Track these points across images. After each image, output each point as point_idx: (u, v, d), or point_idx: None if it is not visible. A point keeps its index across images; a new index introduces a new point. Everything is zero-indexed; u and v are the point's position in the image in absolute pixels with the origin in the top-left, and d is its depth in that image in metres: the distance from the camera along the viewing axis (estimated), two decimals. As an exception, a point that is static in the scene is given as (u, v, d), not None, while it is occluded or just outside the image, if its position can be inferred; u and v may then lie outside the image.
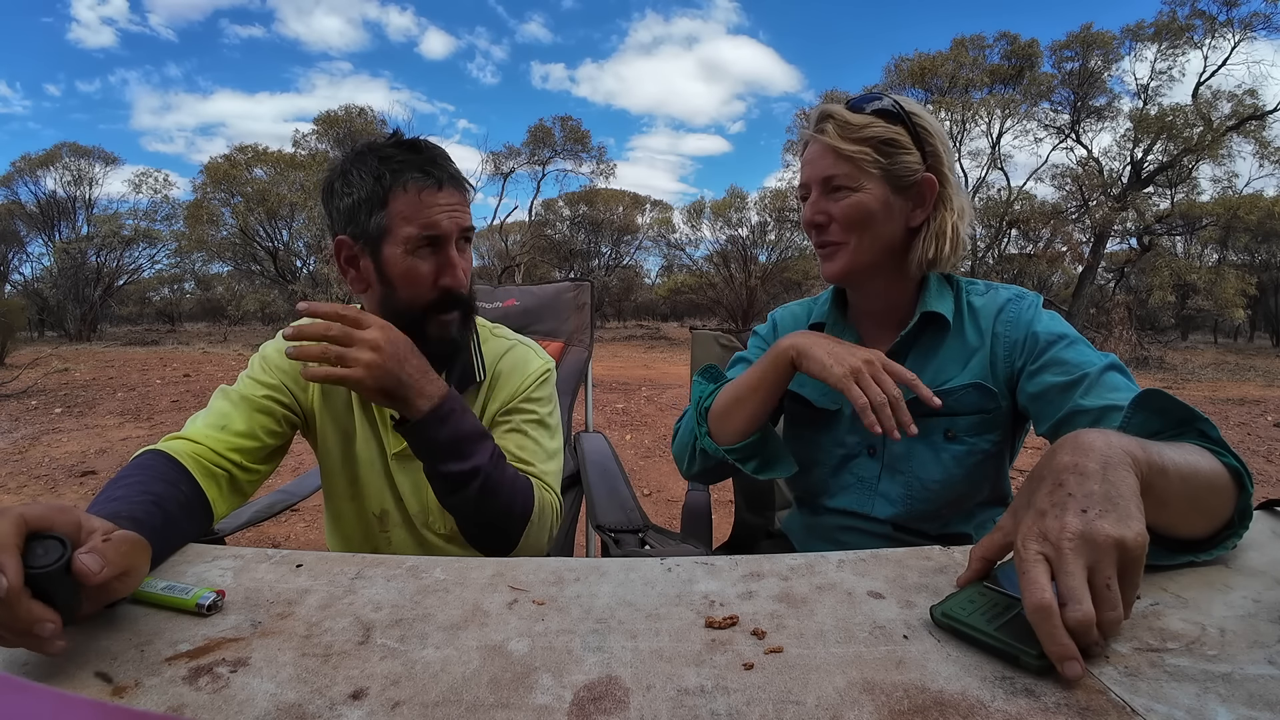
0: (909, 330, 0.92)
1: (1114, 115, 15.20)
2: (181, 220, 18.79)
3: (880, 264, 0.91)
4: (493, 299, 1.84)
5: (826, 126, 0.88)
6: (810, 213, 0.91)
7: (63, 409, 6.08)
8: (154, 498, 0.69)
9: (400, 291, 0.89)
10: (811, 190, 0.91)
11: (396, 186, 0.86)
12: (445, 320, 0.91)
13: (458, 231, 0.89)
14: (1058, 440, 0.55)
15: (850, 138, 0.86)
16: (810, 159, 0.91)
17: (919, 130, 0.88)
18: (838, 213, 0.88)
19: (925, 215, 0.90)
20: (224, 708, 0.42)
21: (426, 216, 0.86)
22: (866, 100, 0.89)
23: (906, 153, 0.87)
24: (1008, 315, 0.90)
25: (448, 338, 0.92)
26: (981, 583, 0.54)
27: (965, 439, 0.90)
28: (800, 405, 1.01)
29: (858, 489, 0.97)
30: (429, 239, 0.87)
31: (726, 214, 18.80)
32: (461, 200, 0.90)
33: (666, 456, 4.52)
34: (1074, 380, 0.81)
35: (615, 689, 0.44)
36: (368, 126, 17.92)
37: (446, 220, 0.88)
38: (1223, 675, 0.44)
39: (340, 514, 1.05)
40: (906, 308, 0.94)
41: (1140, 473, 0.51)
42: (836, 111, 0.88)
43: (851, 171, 0.87)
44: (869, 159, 0.86)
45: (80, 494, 3.60)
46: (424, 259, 0.88)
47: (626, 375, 9.24)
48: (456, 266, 0.90)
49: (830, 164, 0.88)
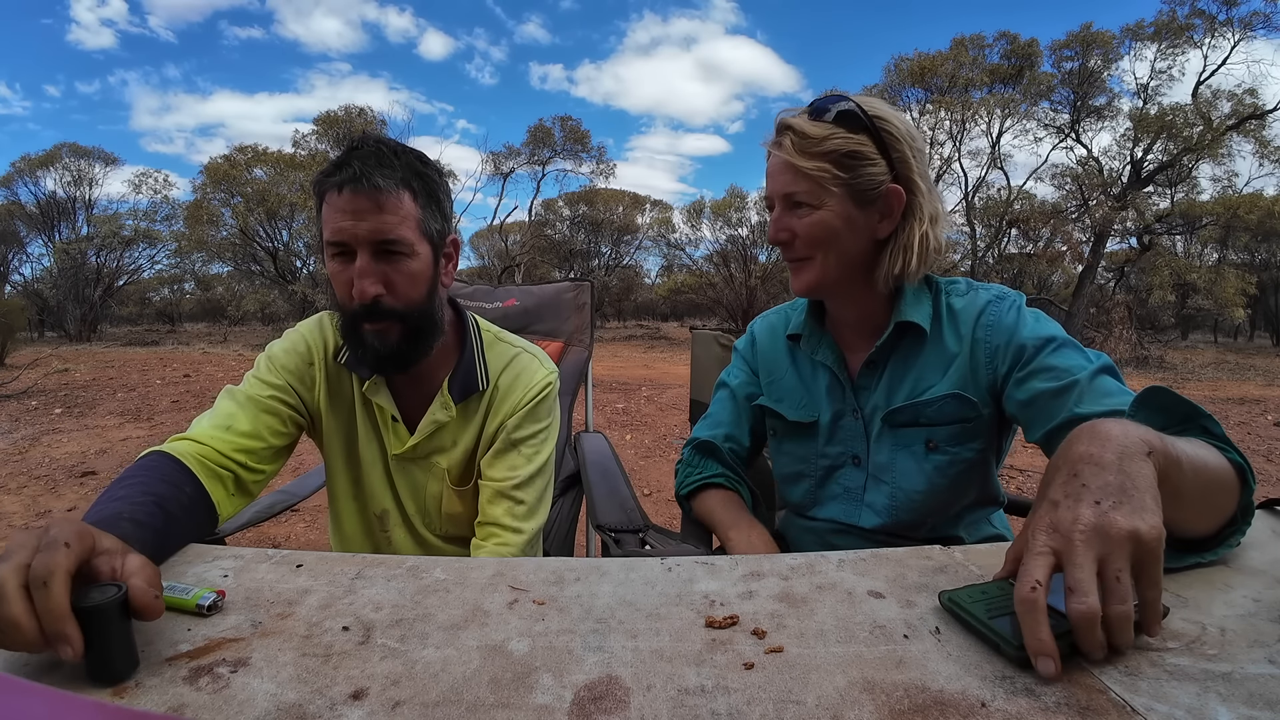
0: (884, 341, 0.90)
1: (1114, 115, 15.21)
2: (181, 220, 18.79)
3: (849, 277, 0.89)
4: (492, 299, 1.84)
5: (784, 140, 0.85)
6: (774, 230, 0.89)
7: (63, 409, 6.08)
8: (156, 499, 0.69)
9: (336, 294, 0.89)
10: (775, 204, 0.89)
11: (323, 190, 0.85)
12: (374, 330, 0.87)
13: (367, 241, 0.83)
14: (1075, 429, 0.54)
15: (809, 153, 0.83)
16: (771, 172, 0.88)
17: (884, 137, 0.84)
18: (800, 229, 0.86)
19: (893, 226, 0.87)
20: (224, 708, 0.42)
21: (332, 223, 0.83)
22: (830, 102, 0.85)
23: (870, 164, 0.83)
24: (988, 319, 0.87)
25: (379, 347, 0.88)
26: (1009, 580, 0.53)
27: (947, 449, 0.89)
28: (778, 420, 1.02)
29: (844, 499, 0.97)
30: (336, 246, 0.84)
31: (726, 214, 18.81)
32: (372, 205, 0.82)
33: (667, 456, 4.52)
34: (1065, 386, 0.78)
35: (616, 689, 0.44)
36: (367, 126, 17.93)
37: (349, 227, 0.82)
38: (1223, 674, 0.43)
39: (342, 513, 1.05)
40: (882, 315, 0.92)
41: (1158, 464, 0.50)
42: (796, 124, 0.85)
43: (812, 189, 0.84)
44: (829, 175, 0.83)
45: (80, 494, 3.60)
46: (342, 266, 0.85)
47: (626, 375, 9.24)
48: (362, 277, 0.83)
49: (790, 180, 0.85)
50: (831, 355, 0.96)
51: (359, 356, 0.92)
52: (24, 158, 19.50)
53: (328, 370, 0.98)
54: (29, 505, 3.43)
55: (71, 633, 0.44)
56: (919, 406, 0.89)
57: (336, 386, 0.98)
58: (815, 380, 0.99)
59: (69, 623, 0.44)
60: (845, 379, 0.95)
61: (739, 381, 1.09)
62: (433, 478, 1.01)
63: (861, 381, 0.94)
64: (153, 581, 0.49)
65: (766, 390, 1.05)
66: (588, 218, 21.66)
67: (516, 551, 0.94)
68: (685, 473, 1.07)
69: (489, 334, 1.05)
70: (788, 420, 1.00)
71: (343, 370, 0.98)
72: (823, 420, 0.97)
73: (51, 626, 0.44)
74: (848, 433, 0.96)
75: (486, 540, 0.96)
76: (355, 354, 0.93)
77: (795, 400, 1.00)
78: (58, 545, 0.46)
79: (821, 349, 0.97)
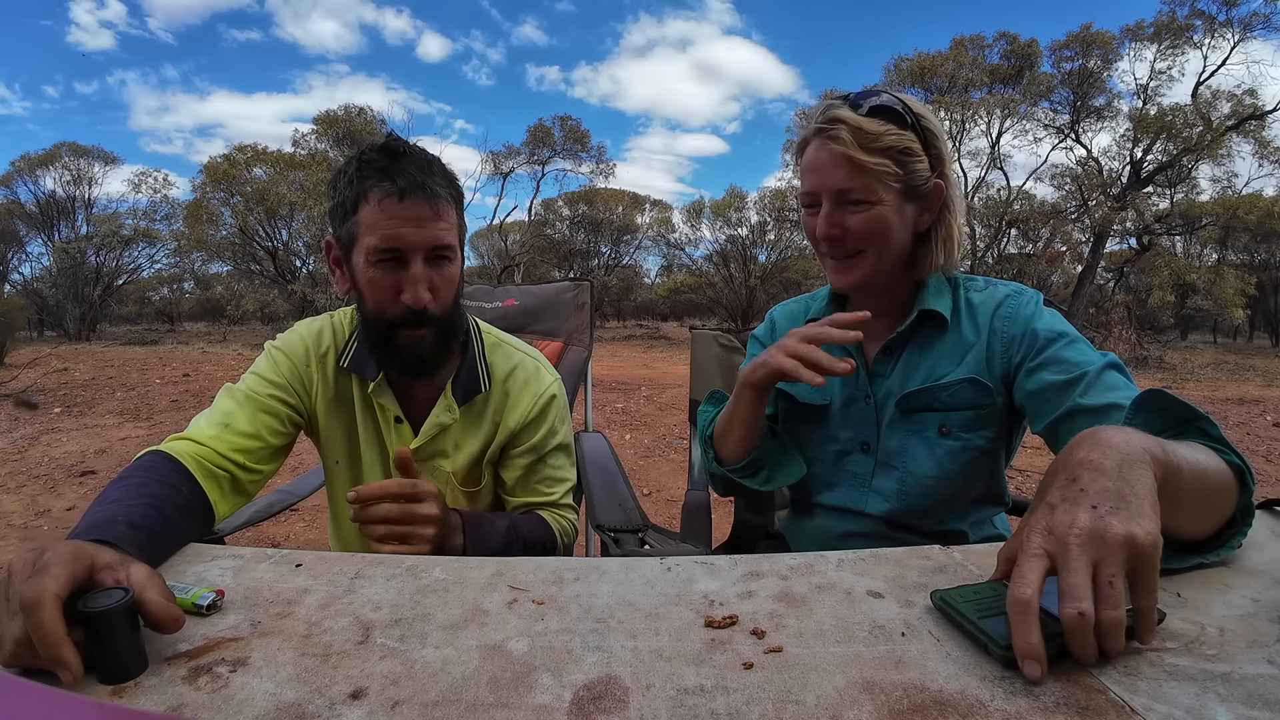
0: (905, 327, 0.91)
1: (1113, 115, 15.23)
2: (181, 220, 18.79)
3: (892, 271, 0.91)
4: (492, 299, 1.84)
5: (840, 133, 0.83)
6: (825, 226, 0.87)
7: (62, 409, 6.08)
8: (152, 499, 0.69)
9: (367, 301, 0.88)
10: (822, 200, 0.87)
11: (365, 193, 0.83)
12: (412, 336, 0.88)
13: (425, 247, 0.84)
14: (1077, 435, 0.54)
15: (870, 148, 0.83)
16: (819, 167, 0.86)
17: (926, 134, 0.86)
18: (855, 225, 0.86)
19: (932, 220, 0.89)
20: (223, 707, 0.42)
21: (386, 229, 0.82)
22: (867, 96, 0.85)
23: (918, 160, 0.85)
24: (1005, 311, 0.89)
25: (416, 353, 0.89)
26: (1002, 581, 0.53)
27: (960, 434, 0.90)
28: (789, 402, 1.02)
29: (851, 485, 0.97)
30: (389, 252, 0.84)
31: (726, 214, 18.81)
32: (430, 213, 0.84)
33: (666, 456, 4.52)
34: (1073, 379, 0.80)
35: (615, 688, 0.44)
36: (367, 126, 17.92)
37: (409, 234, 0.83)
38: (1222, 675, 0.43)
39: (341, 514, 1.05)
40: (906, 305, 0.94)
41: (1159, 472, 0.50)
42: (850, 118, 0.83)
43: (869, 184, 0.84)
44: (889, 172, 0.83)
45: (79, 494, 3.60)
46: (386, 271, 0.85)
47: (626, 375, 9.23)
48: (418, 284, 0.84)
49: (846, 175, 0.84)
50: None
51: (387, 363, 0.92)
52: (24, 157, 19.53)
53: (326, 372, 0.97)
54: (28, 505, 3.43)
55: (68, 657, 0.44)
56: (934, 391, 0.90)
57: (337, 388, 0.98)
58: None
59: (64, 647, 0.44)
60: (861, 363, 0.96)
61: None
62: (436, 480, 1.01)
63: (876, 368, 0.95)
64: (165, 593, 0.49)
65: None
66: (587, 217, 21.65)
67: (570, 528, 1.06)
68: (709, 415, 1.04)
69: (490, 336, 1.05)
70: (799, 402, 1.00)
71: (344, 372, 0.98)
72: (834, 404, 0.97)
73: (47, 653, 0.44)
74: (859, 418, 0.96)
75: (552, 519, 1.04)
76: (382, 361, 0.93)
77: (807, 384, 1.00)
78: (47, 570, 0.47)
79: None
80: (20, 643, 0.45)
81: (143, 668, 0.46)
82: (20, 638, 0.45)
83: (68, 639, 0.44)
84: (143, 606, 0.47)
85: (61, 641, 0.44)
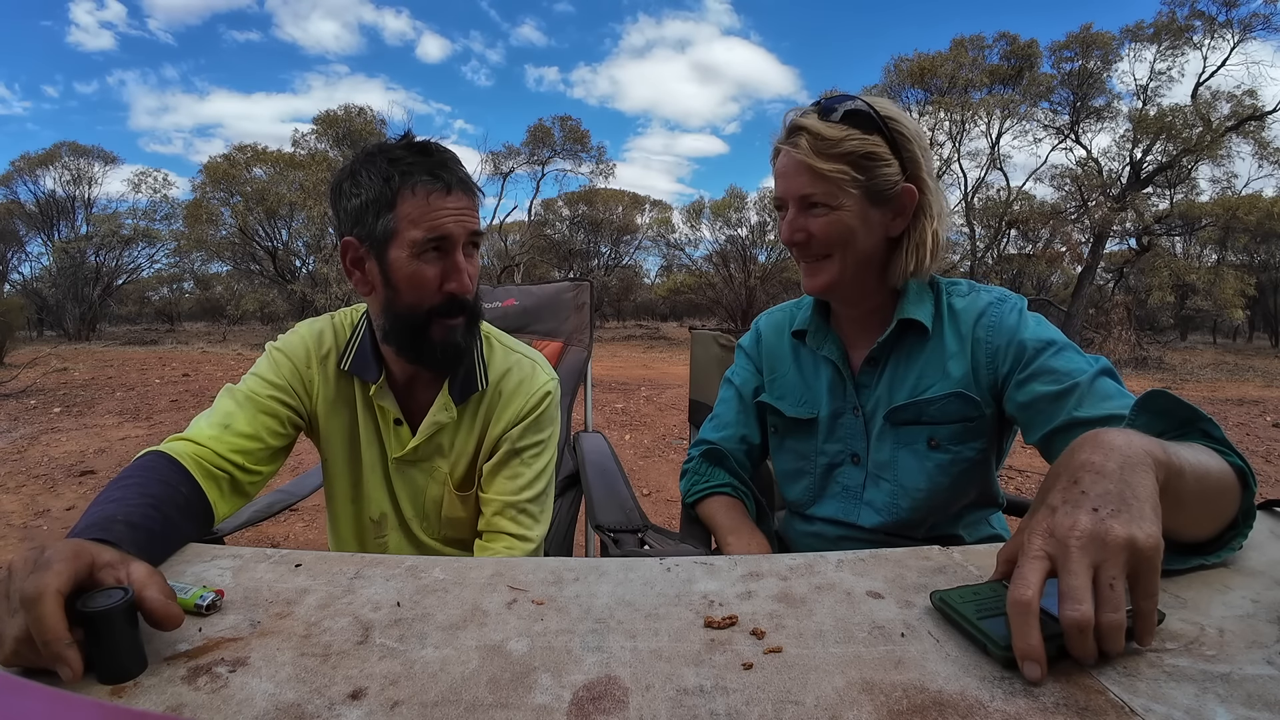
0: (886, 337, 0.91)
1: (1113, 116, 15.21)
2: (180, 220, 18.78)
3: (863, 276, 0.90)
4: (492, 299, 1.84)
5: (800, 141, 0.85)
6: (788, 231, 0.89)
7: (61, 408, 6.08)
8: (152, 499, 0.69)
9: (404, 295, 0.89)
10: (788, 206, 0.89)
11: (405, 189, 0.85)
12: (449, 324, 0.90)
13: (465, 236, 0.89)
14: (1079, 438, 0.54)
15: (827, 154, 0.83)
16: (784, 173, 0.88)
17: (896, 137, 0.85)
18: (817, 230, 0.86)
19: (905, 224, 0.88)
20: (223, 707, 0.42)
21: (434, 220, 0.86)
22: (838, 101, 0.86)
23: (885, 164, 0.84)
24: (989, 320, 0.88)
25: (452, 342, 0.91)
26: (1002, 582, 0.53)
27: (949, 447, 0.89)
28: (778, 416, 1.02)
29: (843, 497, 0.97)
30: (435, 243, 0.87)
31: (726, 214, 18.82)
32: (470, 205, 0.89)
33: (666, 456, 4.52)
34: (1065, 390, 0.79)
35: (614, 689, 0.44)
36: (367, 126, 17.91)
37: (454, 224, 0.87)
38: (1221, 675, 0.43)
39: (339, 516, 1.05)
40: (887, 312, 0.93)
41: (1160, 475, 0.50)
42: (810, 125, 0.84)
43: (829, 190, 0.84)
44: (847, 177, 0.83)
45: (79, 493, 3.60)
46: (430, 263, 0.88)
47: (626, 375, 9.23)
48: (463, 271, 0.89)
49: (806, 182, 0.85)
50: (836, 351, 0.96)
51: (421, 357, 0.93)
52: (23, 156, 19.52)
53: (327, 373, 0.97)
54: (27, 504, 3.43)
55: (68, 653, 0.44)
56: (921, 405, 0.89)
57: (337, 390, 0.98)
58: (817, 377, 0.99)
59: (64, 643, 0.44)
60: (848, 374, 0.95)
61: (743, 379, 1.09)
62: (433, 481, 1.01)
63: (863, 379, 0.94)
64: (165, 590, 0.49)
65: (769, 387, 1.05)
66: (587, 218, 21.64)
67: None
68: (692, 480, 1.07)
69: (488, 336, 1.05)
70: (787, 417, 1.00)
71: (344, 374, 0.97)
72: (822, 416, 0.97)
73: (48, 649, 0.44)
74: (847, 430, 0.96)
75: (493, 543, 0.97)
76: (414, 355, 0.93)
77: (795, 397, 1.01)
78: (48, 566, 0.47)
79: (827, 344, 0.97)
80: (21, 641, 0.45)
81: (142, 668, 0.46)
82: (21, 635, 0.45)
83: (68, 634, 0.44)
84: (143, 604, 0.47)
85: (62, 637, 0.44)
